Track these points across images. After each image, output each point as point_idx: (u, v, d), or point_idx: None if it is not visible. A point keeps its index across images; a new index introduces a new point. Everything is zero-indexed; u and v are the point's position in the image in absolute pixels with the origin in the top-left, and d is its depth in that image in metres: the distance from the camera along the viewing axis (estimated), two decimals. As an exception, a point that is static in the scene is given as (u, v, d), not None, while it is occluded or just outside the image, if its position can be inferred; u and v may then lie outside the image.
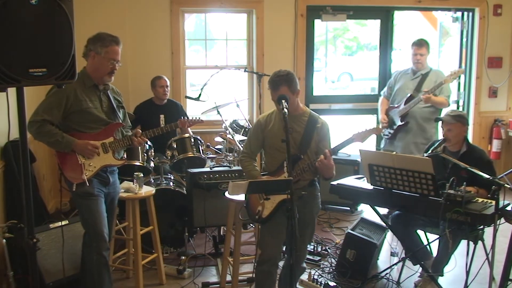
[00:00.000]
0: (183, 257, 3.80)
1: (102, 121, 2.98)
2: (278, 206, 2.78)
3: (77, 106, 2.87)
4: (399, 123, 4.64)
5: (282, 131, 2.76)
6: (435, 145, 3.47)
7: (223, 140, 4.38)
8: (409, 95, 4.60)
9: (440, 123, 3.51)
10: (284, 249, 3.04)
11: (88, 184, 2.89)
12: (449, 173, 3.27)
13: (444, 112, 4.17)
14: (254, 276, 2.96)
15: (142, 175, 3.51)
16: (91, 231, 2.94)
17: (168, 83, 4.87)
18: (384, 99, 4.94)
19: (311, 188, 2.93)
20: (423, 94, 4.40)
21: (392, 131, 4.72)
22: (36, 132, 2.82)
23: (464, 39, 6.04)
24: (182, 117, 3.96)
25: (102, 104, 2.99)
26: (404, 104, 4.59)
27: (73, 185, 2.88)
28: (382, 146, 5.01)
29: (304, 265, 3.15)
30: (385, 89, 4.97)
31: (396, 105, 4.72)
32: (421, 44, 4.64)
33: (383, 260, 3.95)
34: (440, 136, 3.82)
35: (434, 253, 3.52)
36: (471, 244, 2.97)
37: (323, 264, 3.90)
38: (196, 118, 4.00)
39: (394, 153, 3.19)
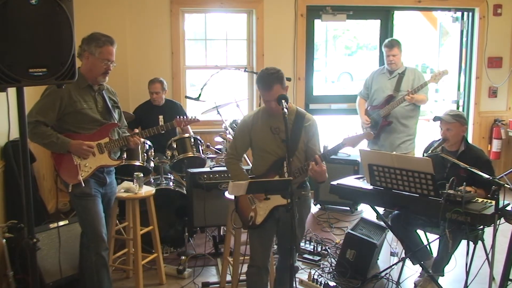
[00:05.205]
0: (183, 257, 3.80)
1: (97, 122, 2.95)
2: (271, 212, 2.72)
3: (71, 107, 2.85)
4: (381, 123, 4.65)
5: (269, 131, 2.72)
6: (434, 145, 3.46)
7: (223, 140, 4.37)
8: (388, 94, 4.63)
9: (439, 122, 3.49)
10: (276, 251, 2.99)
11: (83, 185, 2.88)
12: (448, 172, 3.27)
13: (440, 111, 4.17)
14: (246, 276, 2.95)
15: (142, 175, 3.51)
16: (89, 232, 2.93)
17: (165, 85, 4.83)
18: (361, 100, 4.95)
19: (302, 190, 2.82)
20: (405, 94, 4.45)
21: (375, 131, 4.69)
22: (30, 133, 2.76)
23: (464, 39, 6.04)
24: (179, 116, 3.95)
25: (97, 105, 2.97)
26: (386, 104, 4.61)
27: (69, 186, 2.87)
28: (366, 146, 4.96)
29: (297, 264, 3.11)
30: (362, 89, 4.96)
31: (376, 105, 4.74)
32: (392, 45, 4.67)
33: (383, 260, 3.96)
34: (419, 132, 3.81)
35: (434, 253, 3.52)
36: (471, 244, 2.97)
37: (323, 264, 3.90)
38: (192, 117, 3.99)
39: (394, 153, 3.18)
